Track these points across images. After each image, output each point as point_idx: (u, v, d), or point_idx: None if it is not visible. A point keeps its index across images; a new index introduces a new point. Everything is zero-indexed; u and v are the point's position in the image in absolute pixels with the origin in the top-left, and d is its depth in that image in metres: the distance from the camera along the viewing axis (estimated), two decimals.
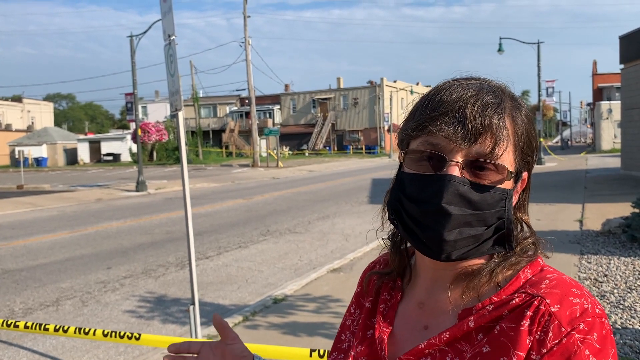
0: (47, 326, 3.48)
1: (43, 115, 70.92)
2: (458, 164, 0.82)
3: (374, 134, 59.67)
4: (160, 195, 20.78)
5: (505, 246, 0.86)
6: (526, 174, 0.90)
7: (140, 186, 21.76)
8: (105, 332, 3.37)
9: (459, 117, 0.82)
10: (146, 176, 24.10)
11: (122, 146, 52.15)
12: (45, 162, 50.94)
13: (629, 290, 5.85)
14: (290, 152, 55.75)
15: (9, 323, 3.61)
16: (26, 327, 3.56)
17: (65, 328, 3.44)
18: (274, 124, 59.88)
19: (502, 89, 0.88)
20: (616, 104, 38.64)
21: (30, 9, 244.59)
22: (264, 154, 42.89)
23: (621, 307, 5.31)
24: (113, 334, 3.34)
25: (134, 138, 30.74)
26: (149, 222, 13.30)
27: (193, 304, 4.58)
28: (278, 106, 64.43)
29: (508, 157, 0.84)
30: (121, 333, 3.33)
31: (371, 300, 1.01)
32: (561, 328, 0.76)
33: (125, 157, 51.22)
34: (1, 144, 52.92)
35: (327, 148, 59.66)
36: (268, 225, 12.06)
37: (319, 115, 61.71)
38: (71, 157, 54.00)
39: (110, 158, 52.18)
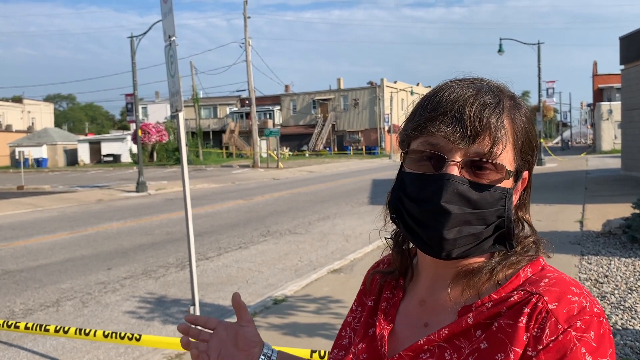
0: (48, 327, 3.48)
1: (43, 116, 70.95)
2: (457, 164, 0.83)
3: (374, 135, 59.68)
4: (160, 196, 20.78)
5: (505, 245, 0.87)
6: (527, 173, 0.91)
7: (140, 187, 21.76)
8: (105, 333, 3.37)
9: (458, 117, 0.83)
10: (146, 177, 24.10)
11: (123, 147, 52.17)
12: (45, 163, 50.95)
13: (630, 291, 5.84)
14: (290, 153, 55.76)
15: (10, 324, 3.61)
16: (27, 328, 3.56)
17: (65, 329, 3.44)
18: (274, 125, 59.89)
19: (501, 89, 0.89)
20: (616, 105, 38.66)
21: (30, 10, 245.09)
22: (264, 155, 42.90)
23: (622, 308, 5.31)
24: (113, 335, 3.34)
25: (134, 139, 30.77)
26: (149, 223, 13.30)
27: (193, 305, 4.59)
28: (278, 107, 64.45)
29: (507, 157, 0.85)
30: (122, 334, 3.33)
31: (373, 298, 1.02)
32: (558, 325, 0.77)
33: (125, 158, 51.23)
34: (1, 145, 52.93)
35: (328, 149, 59.68)
36: (268, 226, 12.06)
37: (319, 116, 61.74)
38: (71, 158, 54.02)
39: (110, 159, 52.19)
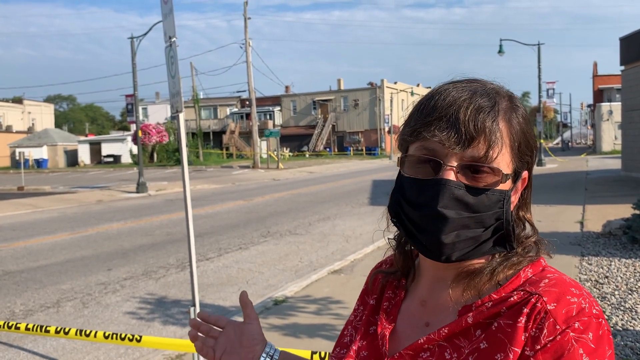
0: (48, 328, 3.48)
1: (43, 116, 70.95)
2: (453, 168, 0.83)
3: (375, 136, 59.68)
4: (160, 196, 20.78)
5: (506, 246, 0.87)
6: (526, 173, 0.91)
7: (140, 187, 21.76)
8: (106, 334, 3.37)
9: (452, 122, 0.83)
10: (147, 177, 24.10)
11: (123, 147, 52.15)
12: (45, 164, 50.91)
13: (630, 291, 5.84)
14: (290, 154, 55.76)
15: (10, 325, 3.61)
16: (27, 329, 3.56)
17: (66, 330, 3.44)
18: (275, 126, 59.86)
19: (497, 91, 0.88)
20: (617, 106, 38.64)
21: (30, 11, 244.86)
22: (265, 156, 42.89)
23: (622, 309, 5.31)
24: (114, 336, 3.34)
25: (135, 139, 30.77)
26: (150, 224, 13.30)
27: (194, 306, 4.58)
28: (278, 107, 64.45)
29: (503, 159, 0.85)
30: (122, 335, 3.33)
31: (375, 297, 1.03)
32: (556, 326, 0.77)
33: (125, 159, 51.21)
34: (2, 146, 52.92)
35: (328, 149, 59.67)
36: (268, 226, 12.06)
37: (320, 116, 61.74)
38: (72, 159, 54.01)
39: (110, 159, 52.16)
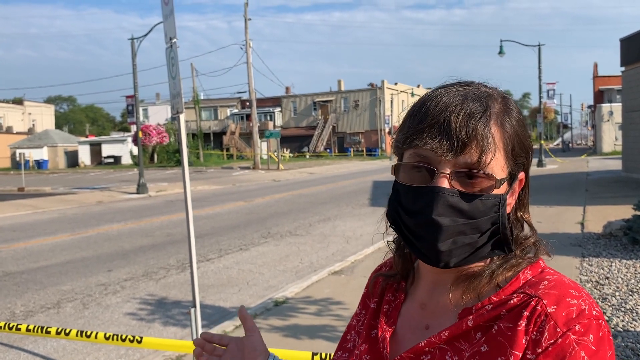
0: (49, 329, 3.48)
1: (44, 117, 71.00)
2: (446, 176, 0.83)
3: (375, 137, 59.70)
4: (161, 197, 20.78)
5: (504, 249, 0.87)
6: (523, 174, 0.91)
7: (141, 188, 21.77)
8: (106, 335, 3.37)
9: (444, 129, 0.82)
10: (147, 178, 24.10)
11: (123, 148, 52.18)
12: (46, 165, 50.93)
13: (631, 292, 5.84)
14: (291, 155, 55.77)
15: (11, 326, 3.61)
16: (28, 330, 3.56)
17: (67, 331, 3.45)
18: (275, 127, 59.87)
19: (490, 94, 0.87)
20: (617, 107, 38.60)
21: (31, 12, 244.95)
22: (265, 157, 42.91)
23: (623, 310, 5.30)
24: (115, 337, 3.34)
25: (135, 140, 30.79)
26: (150, 225, 13.30)
27: (194, 307, 4.58)
28: (279, 108, 64.47)
29: (497, 163, 0.84)
30: (123, 336, 3.34)
31: (376, 300, 1.03)
32: (557, 328, 0.77)
33: (126, 160, 51.24)
34: (2, 147, 52.94)
35: (328, 150, 59.68)
36: (269, 227, 12.06)
37: (320, 117, 61.75)
38: (72, 160, 54.03)
39: (111, 160, 52.20)
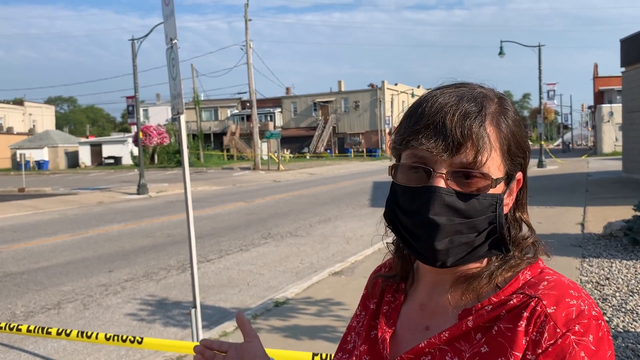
0: (50, 330, 3.48)
1: (44, 118, 71.01)
2: (443, 175, 0.83)
3: (375, 137, 59.70)
4: (161, 198, 20.79)
5: (501, 249, 0.87)
6: (520, 174, 0.91)
7: (141, 189, 21.78)
8: (107, 336, 3.38)
9: (440, 129, 0.83)
10: (147, 179, 24.11)
11: (124, 149, 52.20)
12: (46, 165, 50.95)
13: (631, 293, 5.84)
14: (291, 155, 55.77)
15: (12, 326, 3.62)
16: (29, 331, 3.56)
17: (67, 331, 3.45)
18: (275, 127, 59.87)
19: (485, 95, 0.88)
20: (617, 107, 38.62)
21: (32, 12, 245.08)
22: (265, 157, 42.92)
23: (623, 311, 5.30)
24: (115, 338, 3.34)
25: (135, 141, 30.80)
26: (150, 225, 13.30)
27: (195, 307, 4.58)
28: (279, 109, 64.49)
29: (493, 163, 0.85)
30: (123, 337, 3.34)
31: (376, 301, 1.03)
32: (556, 329, 0.77)
33: (126, 160, 51.26)
34: (2, 147, 52.96)
35: (328, 151, 59.67)
36: (269, 228, 12.06)
37: (320, 118, 61.75)
38: (72, 160, 54.05)
39: (111, 161, 52.22)
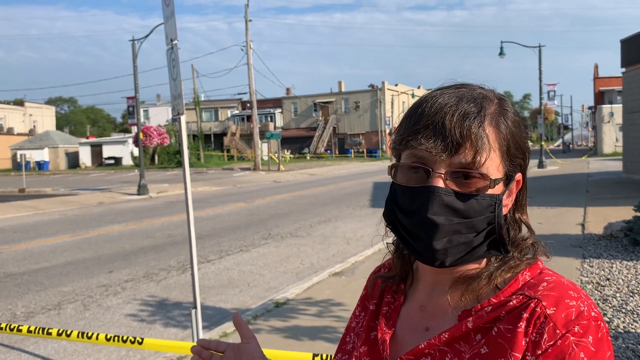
0: (50, 330, 3.48)
1: (45, 119, 71.02)
2: (442, 175, 0.84)
3: (376, 138, 59.70)
4: (161, 198, 20.79)
5: (500, 250, 0.87)
6: (520, 175, 0.91)
7: (141, 190, 21.77)
8: (108, 336, 3.38)
9: (439, 130, 0.83)
10: (148, 180, 24.11)
11: (124, 150, 52.21)
12: (46, 166, 50.98)
13: (632, 294, 5.84)
14: (291, 156, 55.77)
15: (12, 327, 3.62)
16: (29, 331, 3.56)
17: (68, 332, 3.45)
18: (276, 128, 59.86)
19: (485, 95, 0.88)
20: (618, 108, 38.61)
21: (32, 13, 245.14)
22: (266, 158, 42.92)
23: (623, 311, 5.30)
24: (116, 338, 3.34)
25: (136, 142, 30.81)
26: (151, 226, 13.31)
27: (195, 308, 4.58)
28: (279, 110, 64.49)
29: (492, 164, 0.85)
30: (124, 337, 3.34)
31: (375, 302, 1.03)
32: (556, 330, 0.77)
33: (126, 161, 51.28)
34: (3, 148, 52.98)
35: (329, 151, 59.68)
36: (269, 228, 12.06)
37: (320, 118, 61.75)
38: (73, 161, 54.07)
39: (111, 162, 52.23)
